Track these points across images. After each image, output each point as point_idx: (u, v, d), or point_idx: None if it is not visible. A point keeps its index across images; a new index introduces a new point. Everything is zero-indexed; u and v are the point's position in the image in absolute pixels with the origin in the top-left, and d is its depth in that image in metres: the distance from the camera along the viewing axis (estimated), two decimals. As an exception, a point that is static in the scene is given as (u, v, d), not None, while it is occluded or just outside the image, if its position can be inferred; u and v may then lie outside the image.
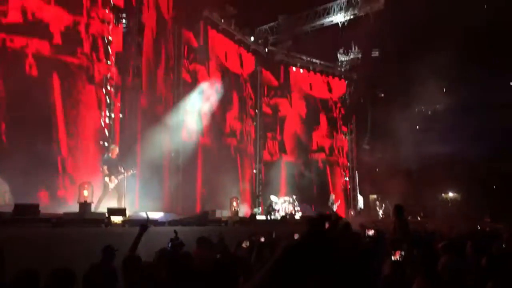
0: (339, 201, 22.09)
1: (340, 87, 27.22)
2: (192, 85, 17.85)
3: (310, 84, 25.93)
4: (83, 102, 13.38)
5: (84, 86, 13.45)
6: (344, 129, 27.10)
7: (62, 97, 12.87)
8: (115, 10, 14.10)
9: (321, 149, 26.07)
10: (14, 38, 12.15)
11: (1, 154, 11.28)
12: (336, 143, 26.80)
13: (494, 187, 25.35)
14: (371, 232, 6.94)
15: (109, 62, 13.88)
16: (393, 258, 4.26)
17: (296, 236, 6.96)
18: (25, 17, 12.36)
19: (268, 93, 24.18)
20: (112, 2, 14.00)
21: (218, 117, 19.69)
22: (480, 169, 24.07)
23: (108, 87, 13.66)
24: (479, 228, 15.50)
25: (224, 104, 20.10)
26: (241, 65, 22.13)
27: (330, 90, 26.72)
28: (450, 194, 27.65)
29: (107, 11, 13.94)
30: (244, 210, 18.11)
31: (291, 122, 25.11)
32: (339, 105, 27.11)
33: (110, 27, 13.93)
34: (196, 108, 17.82)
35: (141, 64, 14.64)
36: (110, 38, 13.91)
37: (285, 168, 23.68)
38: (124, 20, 14.02)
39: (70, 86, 13.16)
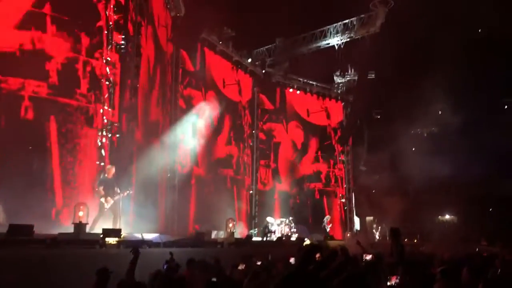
0: (330, 224, 21.86)
1: (339, 113, 26.81)
2: (187, 110, 17.79)
3: (308, 110, 25.53)
4: (81, 146, 12.69)
5: (82, 128, 12.75)
6: (343, 157, 26.57)
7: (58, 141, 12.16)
8: (119, 50, 13.76)
9: (317, 178, 25.33)
10: (8, 79, 11.41)
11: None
12: (335, 173, 26.19)
13: (490, 209, 25.38)
14: (368, 257, 6.89)
15: (108, 109, 13.42)
16: (388, 283, 4.24)
17: (292, 260, 6.93)
18: (22, 56, 11.66)
19: (261, 117, 23.71)
20: (113, 41, 13.61)
21: (213, 145, 19.37)
22: (477, 191, 24.11)
23: (106, 107, 13.64)
24: (477, 250, 15.49)
25: (219, 132, 19.85)
26: (240, 92, 21.88)
27: (328, 117, 26.34)
28: (447, 217, 27.62)
29: (109, 50, 13.42)
30: (239, 230, 18.00)
31: (286, 149, 24.44)
32: (338, 132, 26.50)
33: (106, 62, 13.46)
34: (192, 130, 17.78)
35: (138, 85, 14.69)
36: (112, 80, 13.48)
37: (278, 198, 23.09)
38: (122, 42, 14.09)
39: (68, 129, 12.42)
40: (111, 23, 13.57)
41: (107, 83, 13.36)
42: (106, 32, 13.47)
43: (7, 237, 8.24)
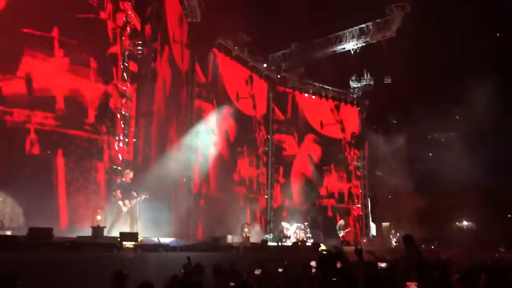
0: (349, 228, 21.47)
1: (354, 118, 26.25)
2: (196, 122, 17.34)
3: (321, 122, 24.95)
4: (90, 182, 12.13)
5: (91, 162, 12.29)
6: (358, 173, 26.04)
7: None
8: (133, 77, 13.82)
9: (331, 195, 24.53)
10: (14, 111, 10.74)
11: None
12: (350, 189, 25.52)
13: (510, 215, 24.95)
14: (383, 265, 6.86)
15: (123, 141, 13.48)
16: (405, 289, 4.22)
17: (313, 263, 6.91)
18: (29, 88, 11.00)
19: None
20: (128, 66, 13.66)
21: (225, 161, 18.90)
22: (495, 197, 23.71)
23: (123, 112, 13.79)
24: (496, 256, 15.24)
25: (233, 148, 19.49)
26: (254, 106, 21.51)
27: (343, 130, 25.90)
28: (465, 223, 27.22)
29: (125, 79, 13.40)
30: (254, 234, 17.93)
31: (300, 164, 23.63)
32: (352, 146, 25.98)
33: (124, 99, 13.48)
34: (204, 144, 17.56)
35: (155, 90, 14.84)
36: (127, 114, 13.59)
37: (288, 216, 21.77)
38: (140, 48, 14.25)
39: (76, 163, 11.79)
40: (124, 48, 13.55)
41: (121, 116, 13.31)
42: (120, 58, 13.44)
43: (27, 240, 8.40)
